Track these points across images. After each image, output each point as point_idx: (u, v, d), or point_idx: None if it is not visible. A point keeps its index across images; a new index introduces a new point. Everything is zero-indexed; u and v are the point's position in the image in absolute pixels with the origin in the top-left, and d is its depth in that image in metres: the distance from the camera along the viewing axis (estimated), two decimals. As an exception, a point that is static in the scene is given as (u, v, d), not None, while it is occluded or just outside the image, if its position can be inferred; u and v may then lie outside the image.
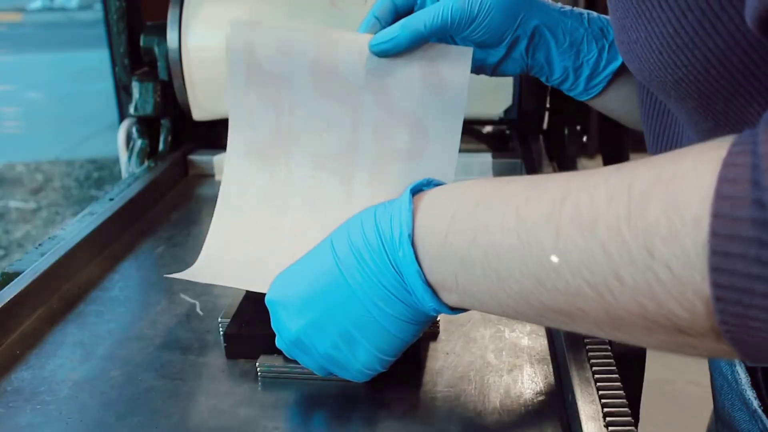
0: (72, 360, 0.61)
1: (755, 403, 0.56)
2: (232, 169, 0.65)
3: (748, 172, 0.30)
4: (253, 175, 0.65)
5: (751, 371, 0.57)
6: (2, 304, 0.62)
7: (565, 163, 1.05)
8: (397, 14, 0.65)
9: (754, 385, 0.56)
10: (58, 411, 0.54)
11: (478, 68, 0.66)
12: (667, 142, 0.54)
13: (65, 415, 0.54)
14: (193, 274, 0.63)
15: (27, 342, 0.63)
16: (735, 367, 0.58)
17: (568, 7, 0.67)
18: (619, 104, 0.73)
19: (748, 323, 0.31)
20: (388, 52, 0.61)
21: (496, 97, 0.97)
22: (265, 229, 0.65)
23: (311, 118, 0.64)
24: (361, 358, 0.51)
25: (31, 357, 0.61)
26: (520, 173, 0.96)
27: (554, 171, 0.94)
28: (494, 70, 0.66)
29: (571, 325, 0.40)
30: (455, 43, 0.64)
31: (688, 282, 0.31)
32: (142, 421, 0.53)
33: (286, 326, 0.52)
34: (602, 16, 0.68)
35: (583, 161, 1.08)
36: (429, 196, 0.46)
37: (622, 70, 0.68)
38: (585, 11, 0.68)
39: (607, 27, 0.67)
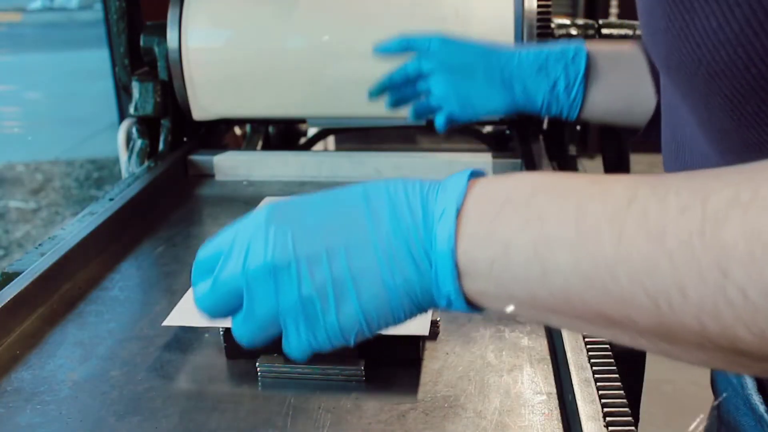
0: (72, 360, 0.61)
1: (762, 408, 0.56)
2: None
3: None
4: None
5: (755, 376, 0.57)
6: (2, 304, 0.62)
7: (565, 163, 1.05)
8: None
9: (761, 390, 0.56)
10: (58, 411, 0.54)
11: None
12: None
13: (65, 415, 0.54)
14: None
15: (27, 342, 0.63)
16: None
17: (526, 44, 0.79)
18: (608, 104, 0.79)
19: None
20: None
21: (496, 97, 0.97)
22: None
23: None
24: (342, 314, 0.46)
25: (31, 357, 0.61)
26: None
27: (554, 171, 0.95)
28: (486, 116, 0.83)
29: (609, 332, 0.39)
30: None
31: (762, 309, 0.31)
32: (142, 420, 0.53)
33: (276, 249, 0.46)
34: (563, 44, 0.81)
35: (583, 161, 1.08)
36: (482, 181, 0.44)
37: (592, 75, 0.77)
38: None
39: (566, 48, 0.80)
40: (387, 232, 0.44)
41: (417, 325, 0.57)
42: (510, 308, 0.42)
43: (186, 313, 0.61)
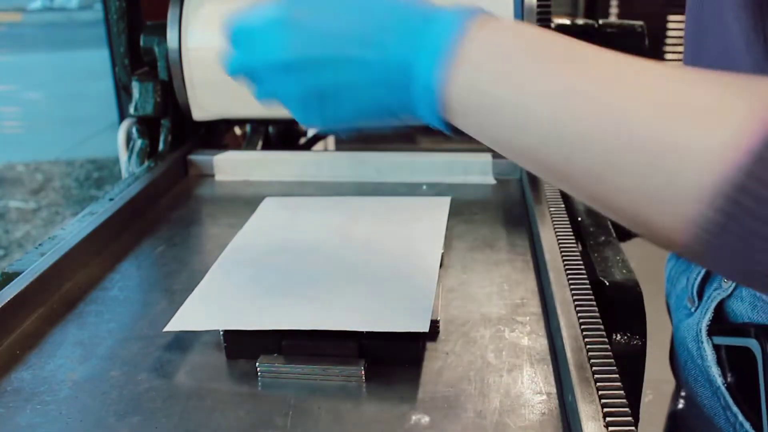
0: (72, 360, 0.61)
1: (719, 380, 0.57)
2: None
3: None
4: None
5: (716, 348, 0.58)
6: (2, 304, 0.62)
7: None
8: None
9: (719, 363, 0.57)
10: (58, 411, 0.54)
11: None
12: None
13: (65, 415, 0.54)
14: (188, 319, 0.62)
15: (27, 342, 0.63)
16: (701, 343, 0.59)
17: None
18: None
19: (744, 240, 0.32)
20: None
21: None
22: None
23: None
24: (327, 111, 0.49)
25: (31, 357, 0.61)
26: (521, 173, 0.97)
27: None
28: None
29: (557, 180, 0.42)
30: None
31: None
32: (142, 421, 0.53)
33: (296, 43, 0.48)
34: None
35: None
36: (490, 27, 0.44)
37: None
38: None
39: None
40: (378, 43, 0.45)
41: (417, 325, 0.57)
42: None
43: (187, 318, 0.61)
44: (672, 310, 0.68)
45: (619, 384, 0.51)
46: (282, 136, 1.33)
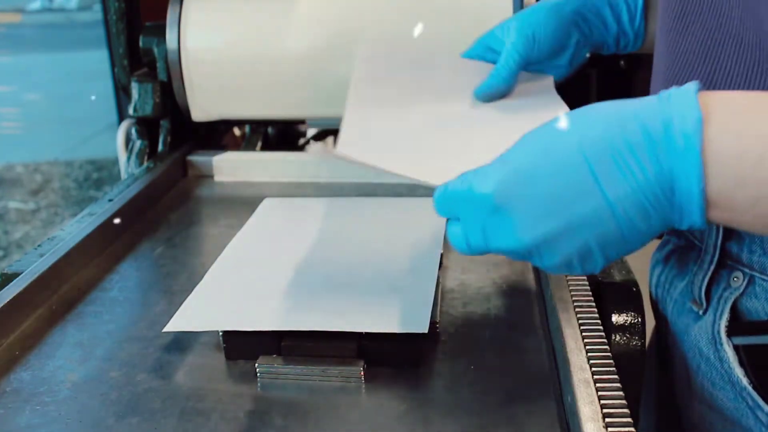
0: (71, 361, 0.61)
1: (744, 381, 0.56)
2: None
3: None
4: None
5: (736, 349, 0.57)
6: (1, 305, 0.62)
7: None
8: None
9: (741, 364, 0.57)
10: (57, 412, 0.54)
11: (558, 75, 0.78)
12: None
13: (65, 416, 0.54)
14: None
15: (26, 343, 0.63)
16: (721, 345, 0.58)
17: None
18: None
19: None
20: (491, 98, 0.72)
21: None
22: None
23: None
24: (587, 268, 0.46)
25: (31, 358, 0.61)
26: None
27: None
28: (572, 65, 0.78)
29: None
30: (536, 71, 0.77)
31: None
32: (141, 421, 0.53)
33: (512, 233, 0.45)
34: None
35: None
36: (724, 107, 0.41)
37: (650, 4, 0.76)
38: None
39: None
40: (621, 192, 0.42)
41: (416, 325, 0.57)
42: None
43: (186, 319, 0.61)
44: (671, 316, 0.67)
45: (618, 385, 0.51)
46: (281, 136, 1.33)
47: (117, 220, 0.82)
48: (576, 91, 1.04)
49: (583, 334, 0.57)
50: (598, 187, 0.42)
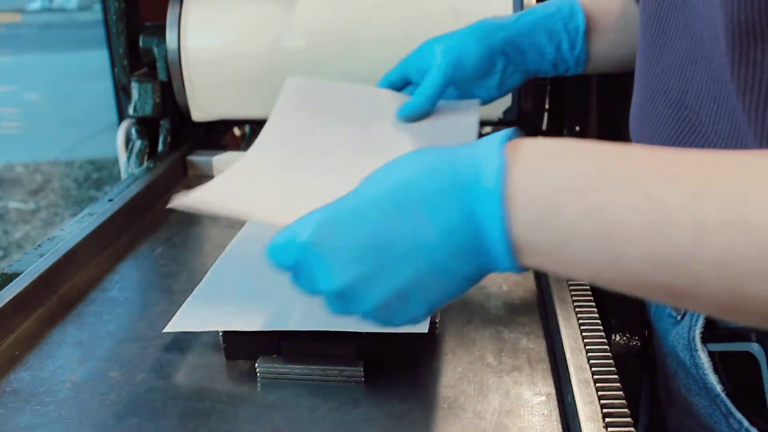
0: (71, 361, 0.61)
1: (718, 388, 0.56)
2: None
3: None
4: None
5: (711, 356, 0.57)
6: (1, 305, 0.62)
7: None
8: (394, 89, 0.81)
9: (716, 371, 0.57)
10: (57, 412, 0.54)
11: (487, 98, 0.80)
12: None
13: (64, 416, 0.54)
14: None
15: (26, 343, 0.63)
16: (696, 352, 0.58)
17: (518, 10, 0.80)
18: (611, 55, 0.80)
19: None
20: (413, 118, 0.76)
21: (495, 97, 0.97)
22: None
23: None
24: (410, 313, 0.47)
25: (31, 358, 0.61)
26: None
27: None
28: (501, 90, 0.79)
29: (671, 302, 0.39)
30: (461, 95, 0.79)
31: None
32: (141, 421, 0.53)
33: (328, 276, 0.46)
34: None
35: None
36: (526, 154, 0.42)
37: (591, 29, 0.78)
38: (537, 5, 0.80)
39: (560, 4, 0.78)
40: (433, 233, 0.43)
41: (416, 326, 0.57)
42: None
43: (187, 319, 0.61)
44: (654, 321, 0.67)
45: (618, 385, 0.52)
46: (281, 136, 1.33)
47: (117, 221, 0.82)
48: (577, 94, 1.04)
49: (583, 334, 0.57)
50: (411, 228, 0.43)
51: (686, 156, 0.38)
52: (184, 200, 0.59)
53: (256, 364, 0.57)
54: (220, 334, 0.60)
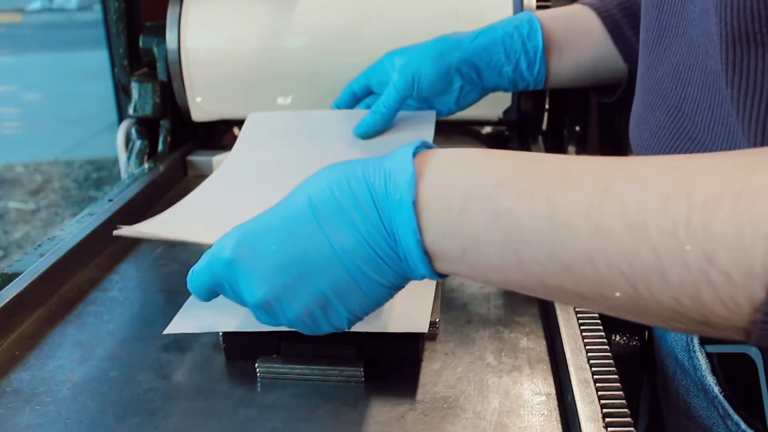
0: (71, 361, 0.61)
1: (716, 389, 0.56)
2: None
3: None
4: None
5: (709, 357, 0.57)
6: (1, 305, 0.62)
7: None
8: (356, 99, 0.86)
9: (714, 372, 0.57)
10: (57, 412, 0.54)
11: (446, 111, 0.83)
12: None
13: (64, 416, 0.54)
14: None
15: (26, 343, 0.63)
16: (694, 353, 0.58)
17: (480, 28, 0.81)
18: (572, 71, 0.83)
19: None
20: (369, 135, 0.79)
21: (495, 98, 0.97)
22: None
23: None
24: (332, 321, 0.49)
25: (30, 358, 0.61)
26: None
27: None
28: (459, 105, 0.83)
29: (580, 304, 0.40)
30: (419, 107, 0.83)
31: (743, 288, 0.32)
32: (141, 421, 0.53)
33: (251, 289, 0.48)
34: (514, 16, 0.82)
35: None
36: (436, 164, 0.43)
37: (551, 46, 0.80)
38: (498, 21, 0.82)
39: (519, 22, 0.80)
40: (347, 243, 0.45)
41: (416, 325, 0.57)
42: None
43: (186, 321, 0.61)
44: None
45: (618, 385, 0.52)
46: (281, 136, 1.33)
47: (117, 221, 0.82)
48: (577, 94, 1.04)
49: (583, 334, 0.57)
50: (326, 238, 0.45)
51: (589, 162, 0.40)
52: (127, 230, 0.63)
53: (256, 364, 0.57)
54: (220, 334, 0.60)
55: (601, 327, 0.58)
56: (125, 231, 0.62)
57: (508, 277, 0.41)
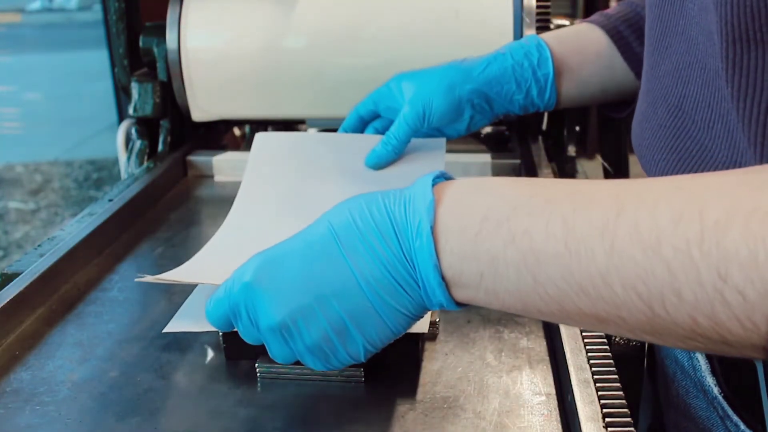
0: (71, 361, 0.61)
1: (715, 390, 0.56)
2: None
3: None
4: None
5: (708, 358, 0.57)
6: (1, 305, 0.62)
7: (564, 164, 1.05)
8: (363, 122, 0.84)
9: (713, 373, 0.57)
10: (57, 412, 0.54)
11: (455, 136, 0.83)
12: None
13: (64, 416, 0.54)
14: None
15: (26, 343, 0.63)
16: (694, 354, 0.58)
17: (489, 55, 0.80)
18: (582, 94, 0.83)
19: None
20: (380, 166, 0.79)
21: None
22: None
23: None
24: (349, 349, 0.49)
25: (30, 358, 0.61)
26: (520, 174, 0.96)
27: (553, 172, 0.95)
28: (469, 130, 0.82)
29: (599, 327, 0.40)
30: (428, 134, 0.82)
31: (759, 306, 0.32)
32: (141, 421, 0.53)
33: (269, 311, 0.48)
34: (522, 41, 0.82)
35: (582, 162, 1.08)
36: (453, 191, 0.44)
37: (561, 72, 0.80)
38: (506, 47, 0.82)
39: (528, 49, 0.80)
40: (367, 268, 0.45)
41: (416, 326, 0.57)
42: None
43: (186, 319, 0.61)
44: None
45: (618, 385, 0.51)
46: (281, 136, 1.33)
47: (116, 221, 0.82)
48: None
49: (583, 334, 0.57)
50: (347, 263, 0.45)
51: (599, 184, 0.40)
52: (150, 278, 0.63)
53: (256, 364, 0.57)
54: (220, 334, 0.60)
55: (601, 327, 0.58)
56: (148, 279, 0.63)
57: (525, 301, 0.41)
